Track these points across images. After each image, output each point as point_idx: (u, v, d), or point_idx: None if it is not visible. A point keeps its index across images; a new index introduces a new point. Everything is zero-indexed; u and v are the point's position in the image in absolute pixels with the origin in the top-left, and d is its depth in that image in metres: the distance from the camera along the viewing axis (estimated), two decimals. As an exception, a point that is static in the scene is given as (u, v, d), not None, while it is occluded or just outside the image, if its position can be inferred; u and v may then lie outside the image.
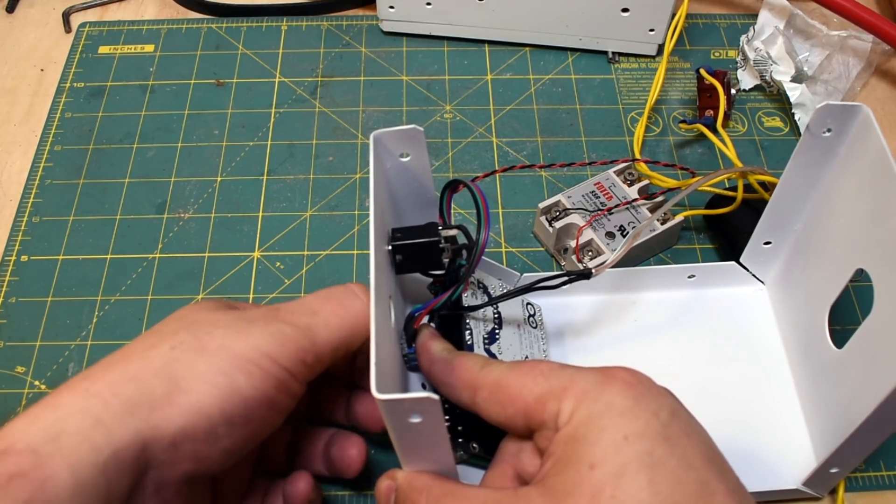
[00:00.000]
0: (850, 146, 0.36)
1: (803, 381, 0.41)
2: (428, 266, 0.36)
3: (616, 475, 0.25)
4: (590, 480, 0.26)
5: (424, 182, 0.36)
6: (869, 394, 0.32)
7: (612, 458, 0.26)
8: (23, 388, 0.44)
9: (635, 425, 0.26)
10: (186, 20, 0.61)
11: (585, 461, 0.26)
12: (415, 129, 0.34)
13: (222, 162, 0.53)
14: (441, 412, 0.27)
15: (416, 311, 0.35)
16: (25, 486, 0.26)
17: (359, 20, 0.61)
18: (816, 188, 0.39)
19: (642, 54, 0.58)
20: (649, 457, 0.26)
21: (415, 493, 0.30)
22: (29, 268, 0.48)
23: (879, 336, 0.34)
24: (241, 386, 0.30)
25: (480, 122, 0.55)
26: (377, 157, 0.34)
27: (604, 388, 0.28)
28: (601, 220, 0.46)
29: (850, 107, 0.35)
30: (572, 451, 0.27)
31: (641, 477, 0.25)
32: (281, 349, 0.31)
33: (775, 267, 0.44)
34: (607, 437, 0.26)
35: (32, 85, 0.57)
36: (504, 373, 0.30)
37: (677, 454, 0.26)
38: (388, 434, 0.29)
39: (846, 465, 0.37)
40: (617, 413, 0.27)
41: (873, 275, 0.34)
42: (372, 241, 0.31)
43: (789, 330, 0.43)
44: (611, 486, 0.25)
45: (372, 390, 0.27)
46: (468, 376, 0.31)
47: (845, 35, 0.55)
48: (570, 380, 0.29)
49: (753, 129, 0.54)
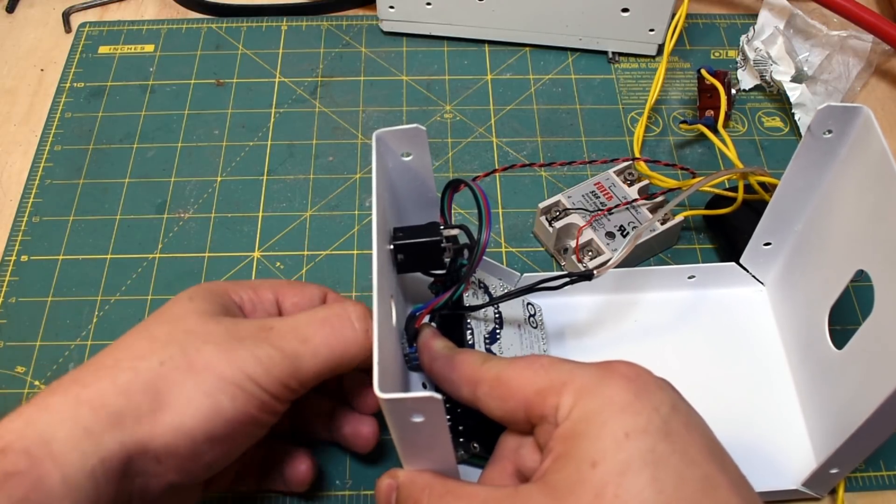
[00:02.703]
0: (851, 147, 0.36)
1: (803, 381, 0.41)
2: (429, 265, 0.36)
3: (619, 473, 0.25)
4: (592, 479, 0.25)
5: (426, 181, 0.36)
6: (869, 394, 0.32)
7: (614, 456, 0.26)
8: (23, 388, 0.44)
9: (636, 421, 0.26)
10: (186, 20, 0.61)
11: (587, 458, 0.26)
12: (417, 128, 0.34)
13: (222, 162, 0.53)
14: (443, 412, 0.27)
15: (418, 311, 0.35)
16: (22, 483, 0.27)
17: (359, 20, 0.61)
18: (817, 189, 0.39)
19: (642, 54, 0.58)
20: (651, 454, 0.25)
21: (417, 491, 0.30)
22: (29, 268, 0.48)
23: (880, 337, 0.34)
24: (224, 407, 0.31)
25: (480, 122, 0.55)
26: (379, 156, 0.34)
27: (604, 382, 0.28)
28: (601, 220, 0.46)
29: (851, 108, 0.35)
30: (573, 447, 0.27)
31: (644, 475, 0.25)
32: (266, 375, 0.32)
33: (775, 268, 0.44)
34: (608, 434, 0.26)
35: (32, 85, 0.57)
36: (504, 367, 0.31)
37: (679, 450, 0.26)
38: (390, 433, 0.29)
39: (846, 466, 0.37)
40: (617, 408, 0.27)
41: (873, 276, 0.34)
42: (374, 240, 0.31)
43: (789, 331, 0.43)
44: (614, 485, 0.25)
45: (375, 389, 0.27)
46: (469, 371, 0.32)
47: (845, 35, 0.55)
48: (570, 374, 0.29)
49: (753, 129, 0.54)
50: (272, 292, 0.37)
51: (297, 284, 0.38)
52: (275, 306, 0.37)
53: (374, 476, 0.40)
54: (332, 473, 0.41)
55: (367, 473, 0.41)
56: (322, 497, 0.40)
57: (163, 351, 0.31)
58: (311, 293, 0.37)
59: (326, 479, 0.40)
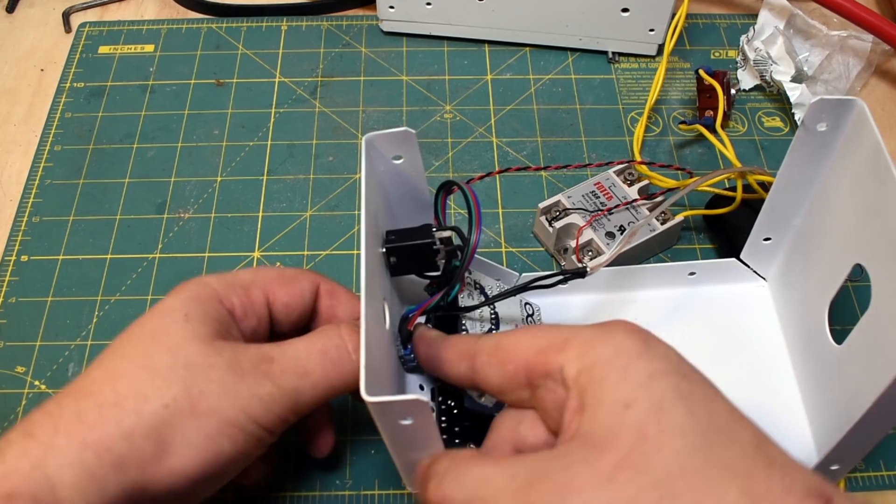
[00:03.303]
0: (846, 141, 0.36)
1: (805, 377, 0.41)
2: (423, 268, 0.36)
3: (655, 410, 0.25)
4: (629, 419, 0.25)
5: (418, 184, 0.36)
6: (868, 388, 0.32)
7: (645, 396, 0.26)
8: (23, 388, 0.44)
9: (655, 365, 0.27)
10: (186, 20, 0.61)
11: (618, 402, 0.26)
12: (406, 131, 0.33)
13: (222, 162, 0.53)
14: (431, 414, 0.27)
15: (410, 313, 0.35)
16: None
17: (359, 20, 0.61)
18: (814, 183, 0.39)
19: (642, 54, 0.58)
20: (678, 391, 0.26)
21: (446, 463, 0.30)
22: (29, 268, 0.48)
23: (877, 330, 0.34)
24: (224, 450, 0.31)
25: (480, 122, 0.55)
26: (369, 159, 0.34)
27: (609, 335, 0.28)
28: (601, 220, 0.46)
29: (844, 101, 0.34)
30: (598, 395, 0.26)
31: (679, 409, 0.25)
32: (266, 413, 0.32)
33: (776, 263, 0.44)
34: (633, 377, 0.26)
35: (32, 85, 0.57)
36: (502, 336, 0.31)
37: (698, 390, 0.27)
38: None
39: (847, 463, 0.37)
40: (634, 355, 0.27)
41: (870, 269, 0.34)
42: (363, 243, 0.31)
43: (790, 326, 0.42)
44: (654, 421, 0.25)
45: (361, 392, 0.27)
46: (466, 346, 0.32)
47: (845, 35, 0.55)
48: (572, 332, 0.29)
49: (753, 129, 0.54)
50: (262, 293, 0.36)
51: (288, 279, 0.37)
52: (265, 308, 0.36)
53: (373, 476, 0.40)
54: (332, 473, 0.41)
55: (367, 473, 0.41)
56: (322, 497, 0.40)
57: (166, 391, 0.31)
58: (301, 289, 0.37)
59: (326, 479, 0.40)
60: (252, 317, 0.36)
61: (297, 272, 0.38)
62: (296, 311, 0.37)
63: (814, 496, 0.24)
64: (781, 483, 0.24)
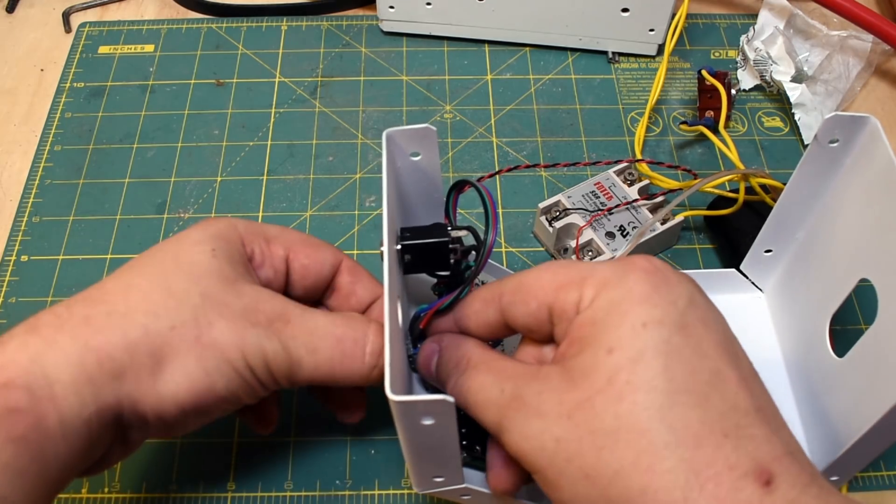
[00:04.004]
0: (857, 157, 0.36)
1: (802, 389, 0.40)
2: (436, 267, 0.36)
3: (633, 360, 0.26)
4: (606, 364, 0.26)
5: (434, 181, 0.36)
6: (871, 405, 0.32)
7: (630, 343, 0.26)
8: (23, 388, 0.43)
9: (653, 312, 0.26)
10: (186, 20, 0.61)
11: (604, 345, 0.26)
12: (427, 128, 0.33)
13: (222, 162, 0.53)
14: (454, 414, 0.27)
15: (422, 311, 0.35)
16: (21, 421, 0.28)
17: (359, 20, 0.61)
18: (821, 197, 0.38)
19: (642, 54, 0.58)
20: (666, 344, 0.26)
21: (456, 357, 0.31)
22: (29, 268, 0.48)
23: (883, 347, 0.33)
24: (218, 388, 0.31)
25: (480, 122, 0.55)
26: (389, 154, 0.34)
27: (624, 275, 0.28)
28: (601, 221, 0.46)
29: (858, 118, 0.34)
30: (591, 334, 0.27)
31: (657, 364, 0.25)
32: (264, 367, 0.32)
33: (775, 275, 0.43)
34: (626, 323, 0.26)
35: (32, 85, 0.57)
36: (522, 274, 0.31)
37: (692, 343, 0.26)
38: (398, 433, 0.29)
39: (846, 474, 0.37)
40: (637, 300, 0.27)
41: (877, 285, 0.34)
42: (385, 240, 0.31)
43: (788, 338, 0.42)
44: (627, 371, 0.25)
45: (386, 391, 0.26)
46: (489, 292, 0.32)
47: (845, 35, 0.55)
48: (591, 269, 0.29)
49: (753, 129, 0.54)
50: (284, 249, 0.36)
51: (312, 244, 0.37)
52: (283, 264, 0.36)
53: (374, 476, 0.40)
54: (332, 473, 0.41)
55: (367, 473, 0.41)
56: (322, 497, 0.40)
57: (176, 314, 0.31)
58: (322, 257, 0.37)
59: (326, 479, 0.40)
60: (269, 268, 0.36)
61: (323, 242, 0.38)
62: (311, 276, 0.37)
63: (752, 476, 0.24)
64: (727, 457, 0.24)
